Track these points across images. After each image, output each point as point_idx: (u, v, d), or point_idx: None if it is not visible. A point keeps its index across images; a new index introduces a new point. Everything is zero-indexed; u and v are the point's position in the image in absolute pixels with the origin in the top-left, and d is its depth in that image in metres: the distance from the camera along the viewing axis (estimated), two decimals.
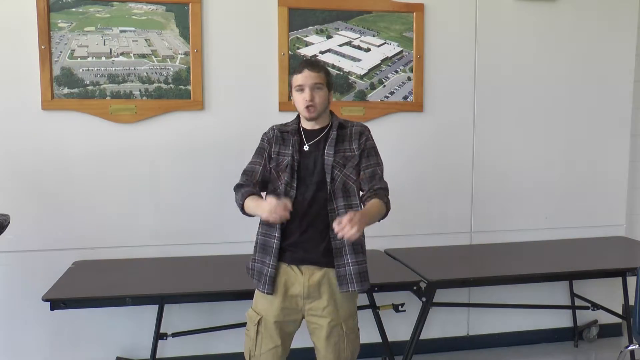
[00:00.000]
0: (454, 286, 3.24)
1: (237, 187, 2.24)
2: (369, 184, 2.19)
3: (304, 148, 2.20)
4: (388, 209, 2.20)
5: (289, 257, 2.19)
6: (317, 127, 2.23)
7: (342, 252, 2.16)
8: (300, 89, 2.16)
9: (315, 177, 2.17)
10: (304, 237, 2.17)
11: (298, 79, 2.17)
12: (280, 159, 2.20)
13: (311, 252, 2.17)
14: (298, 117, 2.28)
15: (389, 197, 2.22)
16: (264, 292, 2.20)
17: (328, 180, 2.15)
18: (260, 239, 2.24)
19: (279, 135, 2.25)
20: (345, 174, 2.18)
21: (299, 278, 2.18)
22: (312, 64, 2.20)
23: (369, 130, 2.27)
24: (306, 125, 2.24)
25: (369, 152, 2.22)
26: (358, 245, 2.18)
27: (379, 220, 2.19)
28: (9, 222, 2.56)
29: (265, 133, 2.30)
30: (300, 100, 2.18)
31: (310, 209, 2.16)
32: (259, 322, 2.22)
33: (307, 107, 2.16)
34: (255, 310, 2.26)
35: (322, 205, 2.16)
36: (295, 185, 2.16)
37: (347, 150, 2.20)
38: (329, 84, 2.21)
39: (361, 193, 2.24)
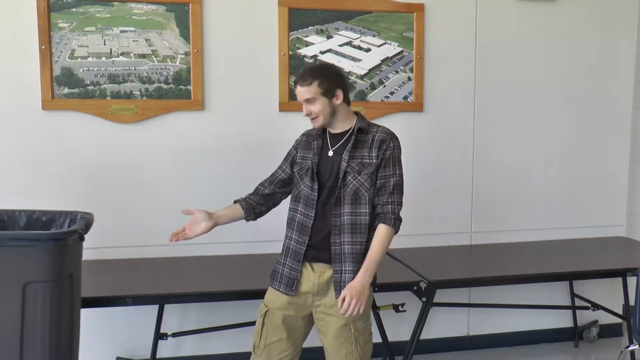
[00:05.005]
0: (454, 286, 3.24)
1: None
2: (377, 197, 2.17)
3: (329, 153, 2.21)
4: (397, 229, 2.18)
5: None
6: (338, 131, 2.23)
7: (340, 258, 2.16)
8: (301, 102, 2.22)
9: (330, 181, 2.18)
10: (318, 239, 2.18)
11: (296, 94, 2.21)
12: (304, 163, 2.25)
13: (323, 252, 2.18)
14: None
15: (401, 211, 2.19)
16: (274, 288, 2.24)
17: (339, 184, 2.16)
18: (284, 242, 2.29)
19: (305, 140, 2.31)
20: (360, 180, 2.15)
21: (310, 276, 2.19)
22: (302, 77, 2.18)
23: (391, 138, 2.20)
24: (330, 129, 2.25)
25: (386, 162, 2.17)
26: (358, 254, 2.17)
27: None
28: (93, 220, 2.44)
29: (296, 139, 2.37)
30: None
31: (324, 212, 2.18)
32: (265, 314, 2.24)
33: (311, 120, 2.21)
34: (264, 302, 2.28)
35: (334, 209, 2.17)
36: (316, 187, 2.18)
37: (365, 157, 2.17)
38: (327, 90, 2.14)
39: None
